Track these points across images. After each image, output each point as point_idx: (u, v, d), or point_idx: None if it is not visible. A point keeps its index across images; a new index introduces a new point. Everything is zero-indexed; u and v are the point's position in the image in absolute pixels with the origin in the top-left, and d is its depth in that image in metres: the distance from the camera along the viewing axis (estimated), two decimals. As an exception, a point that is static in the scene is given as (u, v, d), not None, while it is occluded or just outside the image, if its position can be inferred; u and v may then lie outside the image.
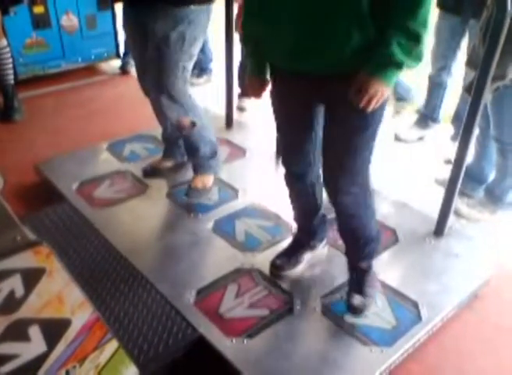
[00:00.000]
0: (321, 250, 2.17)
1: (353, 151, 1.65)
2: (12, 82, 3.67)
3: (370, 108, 1.50)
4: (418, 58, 1.45)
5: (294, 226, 2.18)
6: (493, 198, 2.64)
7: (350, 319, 1.86)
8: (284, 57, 1.57)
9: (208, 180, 2.58)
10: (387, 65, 1.44)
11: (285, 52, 1.55)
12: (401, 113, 3.72)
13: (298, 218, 2.10)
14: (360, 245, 1.88)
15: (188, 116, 2.38)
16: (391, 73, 1.46)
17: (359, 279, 1.92)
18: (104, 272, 2.05)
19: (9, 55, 3.59)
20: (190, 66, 2.32)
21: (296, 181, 1.93)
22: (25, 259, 1.47)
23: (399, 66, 1.44)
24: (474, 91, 2.00)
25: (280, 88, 1.72)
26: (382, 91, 1.47)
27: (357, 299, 1.87)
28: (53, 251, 1.48)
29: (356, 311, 1.86)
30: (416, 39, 1.41)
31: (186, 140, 2.53)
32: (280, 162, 1.94)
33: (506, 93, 2.25)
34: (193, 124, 2.41)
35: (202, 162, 2.56)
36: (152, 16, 2.17)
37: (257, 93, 1.79)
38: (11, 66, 3.63)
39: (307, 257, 2.12)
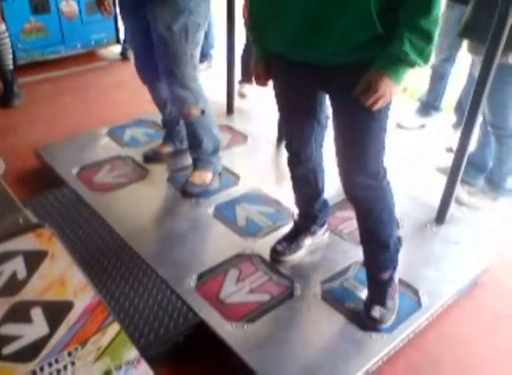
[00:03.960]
0: (322, 236, 2.17)
1: (360, 141, 1.61)
2: (12, 67, 3.64)
3: (376, 108, 1.47)
4: (428, 58, 1.42)
5: (295, 211, 2.18)
6: (493, 185, 2.64)
7: (350, 304, 1.86)
8: (284, 45, 1.54)
9: (207, 176, 2.52)
10: (399, 62, 1.40)
11: (285, 41, 1.52)
12: None
13: (299, 202, 2.10)
14: (378, 250, 1.81)
15: (198, 104, 2.36)
16: (402, 71, 1.42)
17: (380, 290, 1.82)
18: (105, 256, 2.05)
19: (8, 40, 3.56)
20: (198, 51, 2.30)
21: (298, 165, 1.93)
22: (27, 242, 1.46)
23: (410, 64, 1.40)
24: (478, 77, 1.99)
25: (281, 76, 1.70)
26: (391, 91, 1.43)
27: (377, 311, 1.77)
28: (55, 234, 1.48)
29: (375, 323, 1.77)
30: (428, 38, 1.38)
31: (190, 132, 2.48)
32: (282, 146, 1.94)
33: (495, 78, 2.23)
34: (203, 112, 2.39)
35: (203, 157, 2.52)
36: (151, 5, 2.15)
37: (263, 81, 1.77)
38: (10, 51, 3.60)
39: (308, 242, 2.12)
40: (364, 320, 1.79)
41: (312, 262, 2.07)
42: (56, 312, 1.37)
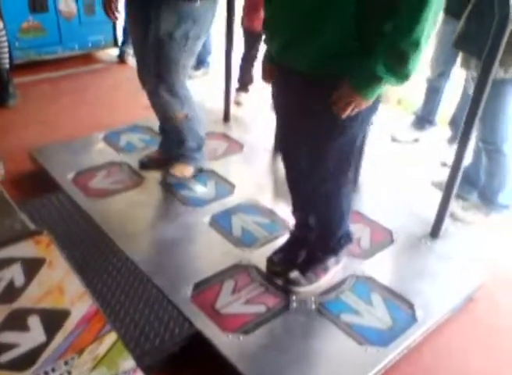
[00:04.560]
0: None
1: (323, 153, 1.71)
2: (8, 66, 3.61)
3: (344, 115, 1.53)
4: (405, 77, 1.44)
5: (292, 222, 2.17)
6: (485, 199, 2.67)
7: (346, 318, 1.86)
8: (275, 49, 1.64)
9: (188, 170, 2.59)
10: (369, 80, 1.46)
11: (276, 45, 1.62)
12: None
13: (295, 210, 2.10)
14: (321, 233, 1.99)
15: (183, 110, 2.40)
16: (372, 89, 1.48)
17: (309, 262, 2.01)
18: (100, 264, 2.02)
19: (5, 38, 3.54)
20: (191, 62, 2.35)
21: (291, 169, 1.96)
22: (26, 248, 1.45)
23: (380, 82, 1.45)
24: (473, 93, 2.02)
25: (275, 79, 1.78)
26: (359, 102, 1.50)
27: (294, 274, 1.97)
28: (53, 241, 1.47)
29: (287, 282, 1.96)
30: (403, 60, 1.40)
31: (174, 131, 2.53)
32: (279, 155, 1.98)
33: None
34: (186, 117, 2.44)
35: (186, 153, 2.58)
36: (157, 8, 2.16)
37: (266, 78, 1.83)
38: (6, 49, 3.57)
39: (304, 253, 2.11)
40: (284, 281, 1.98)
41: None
42: (53, 320, 1.36)
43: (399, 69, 1.42)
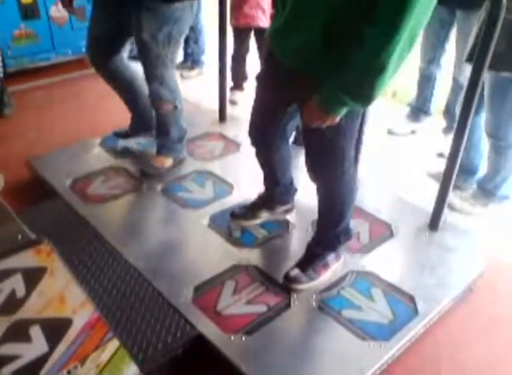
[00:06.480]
0: (282, 213, 2.34)
1: (322, 149, 1.74)
2: (1, 75, 3.61)
3: (311, 126, 1.55)
4: (366, 100, 1.41)
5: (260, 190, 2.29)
6: (485, 192, 2.66)
7: (347, 314, 1.87)
8: (271, 30, 1.67)
9: (167, 161, 2.69)
10: (331, 100, 1.45)
11: (273, 27, 1.66)
12: None
13: (263, 179, 2.25)
14: (323, 228, 2.01)
15: (173, 101, 2.53)
16: (335, 108, 1.46)
17: (308, 259, 2.01)
18: (100, 269, 2.03)
19: (-3, 47, 3.54)
20: (177, 53, 2.47)
21: (257, 151, 2.11)
22: (26, 258, 1.46)
23: (343, 103, 1.44)
24: (468, 85, 2.01)
25: (268, 56, 1.78)
26: (324, 118, 1.50)
27: (295, 272, 1.96)
28: (54, 250, 1.47)
29: (288, 280, 1.95)
30: (365, 82, 1.37)
31: (160, 122, 2.63)
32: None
33: (504, 90, 2.24)
34: (175, 107, 2.56)
35: (168, 143, 2.68)
36: (136, 12, 2.21)
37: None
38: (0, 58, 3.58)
39: (265, 215, 2.29)
40: (284, 278, 1.97)
41: (308, 271, 2.08)
42: (55, 329, 1.37)
43: (361, 91, 1.40)
